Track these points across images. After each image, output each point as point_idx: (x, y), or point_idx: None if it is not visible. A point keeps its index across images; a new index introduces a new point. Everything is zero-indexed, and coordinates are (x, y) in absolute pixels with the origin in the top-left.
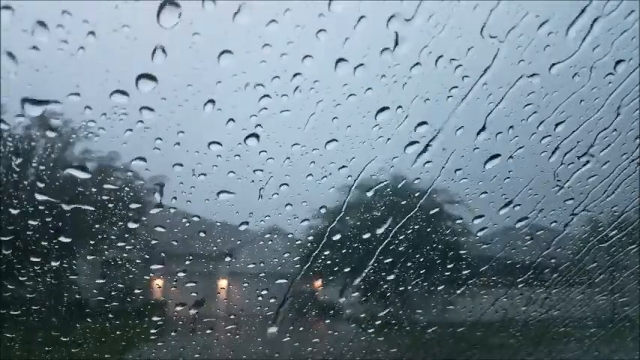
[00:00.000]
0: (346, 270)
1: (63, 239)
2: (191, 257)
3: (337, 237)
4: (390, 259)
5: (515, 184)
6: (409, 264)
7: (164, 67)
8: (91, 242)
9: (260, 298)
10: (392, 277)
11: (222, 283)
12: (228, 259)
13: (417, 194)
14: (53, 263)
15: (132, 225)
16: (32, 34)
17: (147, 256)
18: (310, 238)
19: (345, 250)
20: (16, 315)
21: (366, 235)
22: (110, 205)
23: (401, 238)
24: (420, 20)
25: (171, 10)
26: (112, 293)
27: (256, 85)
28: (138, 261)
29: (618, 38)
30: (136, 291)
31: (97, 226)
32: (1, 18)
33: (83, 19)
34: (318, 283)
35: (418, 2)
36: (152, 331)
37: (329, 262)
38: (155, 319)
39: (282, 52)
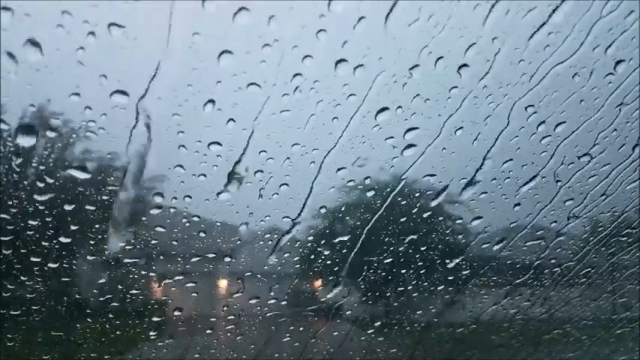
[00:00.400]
0: (346, 270)
1: (63, 239)
2: (191, 257)
3: (337, 237)
4: (390, 259)
5: (516, 184)
6: (409, 264)
7: (164, 67)
8: (91, 242)
9: (260, 298)
10: (392, 277)
11: (222, 283)
12: (228, 259)
13: (416, 194)
14: (53, 263)
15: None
16: (32, 34)
17: (147, 256)
18: (310, 238)
19: (345, 250)
20: (16, 315)
21: (366, 235)
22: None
23: (401, 238)
24: (420, 20)
25: (171, 10)
26: (112, 293)
27: (256, 85)
28: (138, 261)
29: (618, 38)
30: (136, 291)
31: (97, 226)
32: (1, 18)
33: (83, 19)
34: (318, 283)
35: (418, 2)
36: (152, 331)
37: (329, 262)
38: (155, 319)
39: (282, 52)
